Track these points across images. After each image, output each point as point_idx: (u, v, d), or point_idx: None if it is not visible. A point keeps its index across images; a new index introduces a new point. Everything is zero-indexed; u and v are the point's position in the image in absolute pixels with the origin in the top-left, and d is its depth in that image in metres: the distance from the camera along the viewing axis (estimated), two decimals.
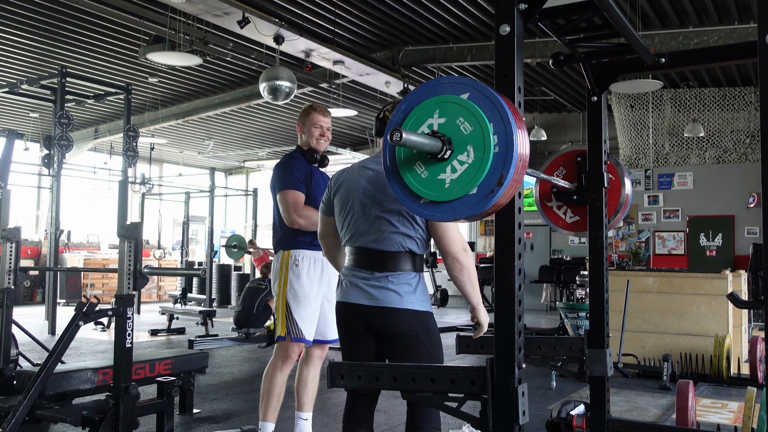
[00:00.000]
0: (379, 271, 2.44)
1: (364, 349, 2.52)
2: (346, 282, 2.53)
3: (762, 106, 2.07)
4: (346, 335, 2.57)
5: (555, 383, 5.46)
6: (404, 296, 2.42)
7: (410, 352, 2.43)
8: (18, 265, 4.23)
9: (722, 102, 11.84)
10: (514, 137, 1.49)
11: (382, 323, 2.44)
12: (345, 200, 2.56)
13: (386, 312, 2.42)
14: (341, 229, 2.59)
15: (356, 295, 2.47)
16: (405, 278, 2.44)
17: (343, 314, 2.54)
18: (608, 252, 2.68)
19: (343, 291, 2.53)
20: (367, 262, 2.46)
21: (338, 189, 2.59)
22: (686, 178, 12.51)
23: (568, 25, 2.26)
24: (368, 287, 2.45)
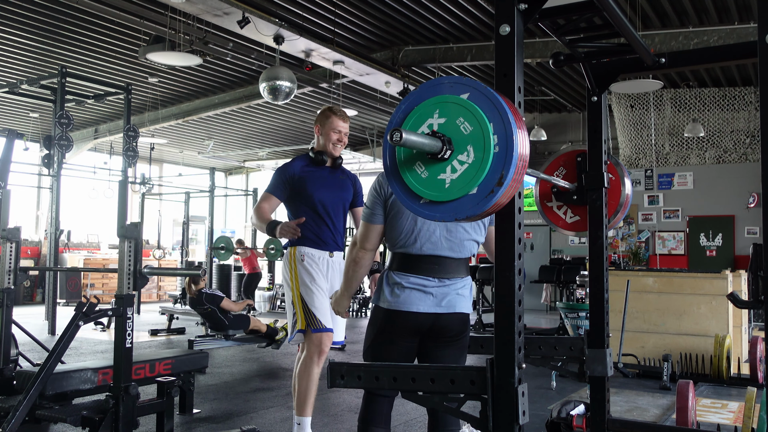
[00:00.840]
0: (451, 277, 2.50)
1: (410, 356, 2.53)
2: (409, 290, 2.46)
3: (762, 106, 2.07)
4: (397, 342, 2.49)
5: (555, 383, 5.46)
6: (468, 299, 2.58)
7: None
8: (18, 265, 4.23)
9: (722, 102, 11.84)
10: (514, 137, 1.49)
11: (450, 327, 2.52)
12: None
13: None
14: (402, 235, 2.48)
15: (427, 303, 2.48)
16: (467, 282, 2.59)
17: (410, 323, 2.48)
18: (608, 252, 2.68)
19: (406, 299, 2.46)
20: (441, 269, 2.47)
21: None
22: (686, 178, 12.51)
23: (568, 25, 2.26)
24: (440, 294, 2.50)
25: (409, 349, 2.51)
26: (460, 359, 2.59)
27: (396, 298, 2.45)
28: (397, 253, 2.52)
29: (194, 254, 16.67)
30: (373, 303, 2.56)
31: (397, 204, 2.48)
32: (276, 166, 18.17)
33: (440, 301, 2.46)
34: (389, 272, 2.51)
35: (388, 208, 2.51)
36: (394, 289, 2.47)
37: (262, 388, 5.56)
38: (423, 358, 2.56)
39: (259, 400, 5.09)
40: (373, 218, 2.53)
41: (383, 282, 2.52)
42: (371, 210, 2.53)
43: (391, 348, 2.48)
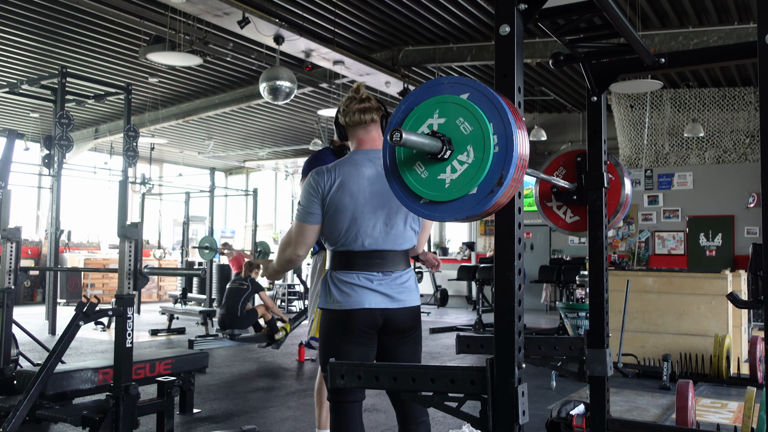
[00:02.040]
0: (394, 270, 2.48)
1: (370, 354, 2.49)
2: (357, 287, 2.43)
3: (762, 106, 2.07)
4: (356, 341, 2.44)
5: (555, 383, 5.46)
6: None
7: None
8: (18, 265, 4.23)
9: (722, 102, 11.84)
10: (514, 137, 1.49)
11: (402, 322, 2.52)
12: (347, 202, 2.45)
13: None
14: (343, 233, 2.45)
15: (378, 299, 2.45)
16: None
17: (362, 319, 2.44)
18: (608, 252, 2.68)
19: (357, 296, 2.42)
20: (382, 263, 2.45)
21: (337, 190, 2.45)
22: (686, 178, 12.51)
23: (568, 25, 2.26)
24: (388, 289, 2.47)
25: (366, 351, 2.46)
26: (417, 354, 2.59)
27: (346, 298, 2.41)
28: (338, 252, 2.47)
29: (194, 254, 16.65)
30: (321, 307, 2.49)
31: (335, 202, 2.43)
32: (276, 166, 18.22)
33: (389, 295, 2.44)
34: (332, 272, 2.46)
35: (326, 207, 2.45)
36: (342, 288, 2.43)
37: (262, 388, 5.56)
38: (381, 358, 2.53)
39: (259, 400, 5.09)
40: (309, 218, 2.47)
41: (328, 284, 2.46)
42: (307, 209, 2.47)
43: (349, 351, 2.41)
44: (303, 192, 2.51)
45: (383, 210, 2.45)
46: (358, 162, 2.49)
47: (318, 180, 2.45)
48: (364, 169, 2.47)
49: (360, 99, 2.57)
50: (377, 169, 2.47)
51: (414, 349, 2.57)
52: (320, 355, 2.53)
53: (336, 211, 2.43)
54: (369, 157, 2.51)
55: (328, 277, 2.49)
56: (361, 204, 2.43)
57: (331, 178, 2.45)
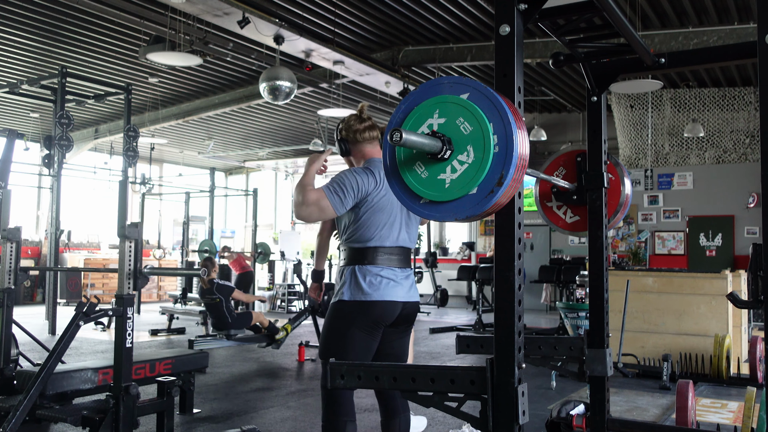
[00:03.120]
0: (407, 267, 2.73)
1: (374, 345, 2.67)
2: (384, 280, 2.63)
3: (762, 106, 2.07)
4: (369, 332, 2.61)
5: (555, 383, 5.46)
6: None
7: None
8: (18, 265, 4.23)
9: (722, 102, 11.84)
10: (514, 137, 1.49)
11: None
12: (388, 203, 2.67)
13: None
14: (379, 230, 2.65)
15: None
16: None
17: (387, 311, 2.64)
18: (608, 252, 2.68)
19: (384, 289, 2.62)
20: (403, 259, 2.70)
21: (381, 191, 2.65)
22: (686, 178, 12.51)
23: (568, 25, 2.26)
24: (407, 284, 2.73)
25: (372, 343, 2.64)
26: (408, 345, 2.85)
27: (375, 290, 2.58)
28: (369, 247, 2.63)
29: (194, 254, 16.66)
30: (345, 299, 2.60)
31: (377, 201, 2.63)
32: (276, 166, 18.21)
33: (406, 289, 2.69)
34: (361, 266, 2.61)
35: (363, 204, 2.62)
36: (372, 281, 2.60)
37: (262, 388, 5.56)
38: (379, 348, 2.71)
39: (259, 400, 5.09)
40: (337, 204, 2.59)
41: (356, 276, 2.61)
42: (341, 196, 2.58)
43: (359, 339, 2.58)
44: (348, 181, 2.61)
45: (403, 211, 2.71)
46: (373, 169, 2.72)
47: (363, 180, 2.62)
48: (379, 175, 2.71)
49: (364, 119, 2.85)
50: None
51: (407, 342, 2.83)
52: (324, 343, 2.63)
53: (376, 210, 2.63)
54: (375, 166, 2.75)
55: (356, 270, 2.62)
56: (396, 206, 2.67)
57: (375, 179, 2.65)
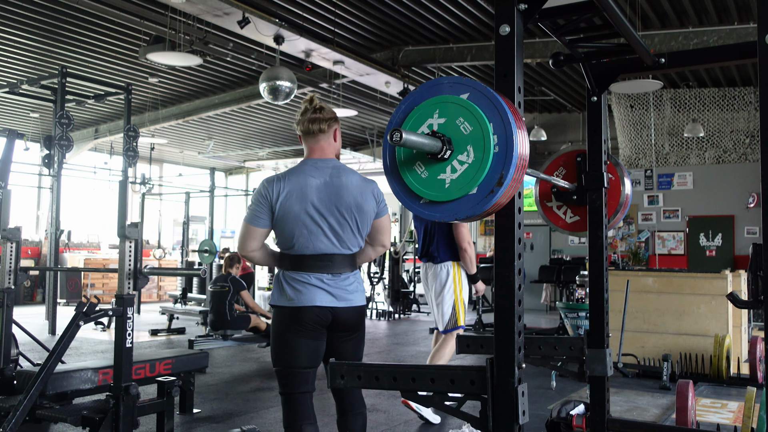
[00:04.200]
0: (342, 272, 2.68)
1: (321, 347, 2.67)
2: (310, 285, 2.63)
3: (762, 106, 2.07)
4: (307, 335, 2.63)
5: (555, 383, 5.46)
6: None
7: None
8: (18, 265, 4.23)
9: (722, 102, 11.84)
10: (514, 137, 1.49)
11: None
12: (296, 209, 2.62)
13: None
14: (294, 237, 2.62)
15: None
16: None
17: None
18: (608, 252, 2.68)
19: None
20: (331, 265, 2.65)
21: (286, 198, 2.62)
22: (686, 178, 12.51)
23: (568, 25, 2.26)
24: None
25: (317, 344, 2.64)
26: (359, 351, 2.79)
27: (299, 295, 2.58)
28: (291, 254, 2.64)
29: (194, 254, 16.66)
30: (273, 304, 2.67)
31: (284, 209, 2.60)
32: (276, 166, 18.20)
33: (337, 295, 2.62)
34: (285, 272, 2.65)
35: (276, 213, 2.62)
36: (295, 286, 2.60)
37: (262, 388, 5.56)
38: (327, 353, 2.71)
39: (259, 400, 5.09)
40: (256, 221, 2.65)
41: (281, 282, 2.65)
42: (255, 213, 2.65)
43: (301, 344, 2.60)
44: (253, 197, 2.70)
45: (332, 216, 2.61)
46: (306, 171, 2.64)
47: (267, 188, 2.63)
48: (311, 179, 2.62)
49: (313, 110, 2.71)
50: (324, 178, 2.63)
51: (356, 347, 2.76)
52: (273, 351, 2.69)
53: (285, 218, 2.60)
54: (317, 167, 2.66)
55: (281, 276, 2.66)
56: (309, 211, 2.59)
57: (280, 186, 2.61)
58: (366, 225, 2.70)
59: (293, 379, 2.61)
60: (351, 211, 2.63)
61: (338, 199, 2.60)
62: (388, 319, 11.33)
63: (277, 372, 2.67)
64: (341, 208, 2.60)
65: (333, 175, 2.63)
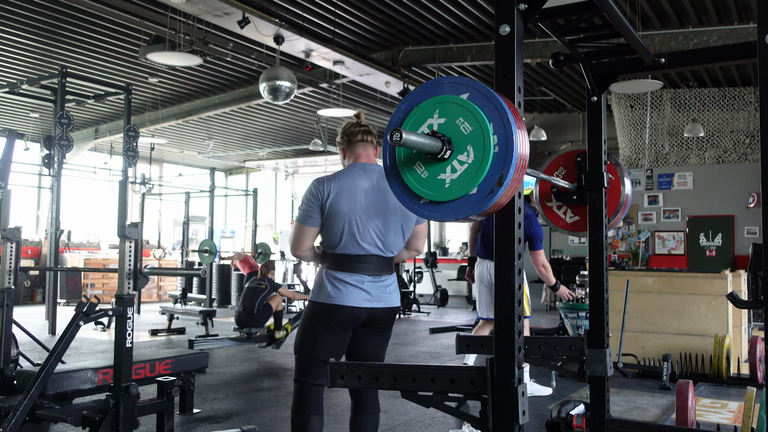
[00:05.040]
0: (381, 275, 2.77)
1: (343, 345, 2.76)
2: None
3: (762, 106, 2.07)
4: (335, 332, 2.71)
5: (555, 383, 5.46)
6: None
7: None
8: (18, 265, 4.23)
9: (722, 102, 11.84)
10: (514, 137, 1.49)
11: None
12: (345, 209, 2.71)
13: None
14: (339, 237, 2.70)
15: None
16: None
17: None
18: (608, 252, 2.68)
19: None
20: (373, 268, 2.73)
21: (336, 198, 2.70)
22: (686, 178, 12.51)
23: (568, 25, 2.26)
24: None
25: (340, 343, 2.73)
26: (384, 347, 2.89)
27: (338, 293, 2.66)
28: (336, 254, 2.70)
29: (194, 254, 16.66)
30: (312, 300, 2.75)
31: (333, 209, 2.66)
32: (276, 166, 18.20)
33: (375, 296, 2.70)
34: (328, 271, 2.72)
35: (325, 213, 2.69)
36: (336, 285, 2.68)
37: (262, 388, 5.56)
38: (351, 346, 2.81)
39: (259, 400, 5.09)
40: (308, 221, 2.72)
41: (323, 280, 2.72)
42: (307, 213, 2.72)
43: (326, 339, 2.70)
44: (304, 197, 2.75)
45: (378, 219, 2.67)
46: (355, 174, 2.71)
47: (318, 187, 2.69)
48: (360, 181, 2.69)
49: (360, 124, 2.85)
50: (372, 181, 2.70)
51: (382, 342, 2.85)
52: (297, 340, 2.77)
53: (333, 218, 2.66)
54: (366, 170, 2.73)
55: (323, 274, 2.72)
56: (357, 212, 2.65)
57: (330, 186, 2.67)
58: (409, 229, 2.79)
59: (310, 370, 2.71)
60: (396, 215, 2.70)
61: (385, 202, 2.67)
62: None
63: (297, 360, 2.76)
64: (387, 212, 2.67)
65: (380, 179, 2.70)
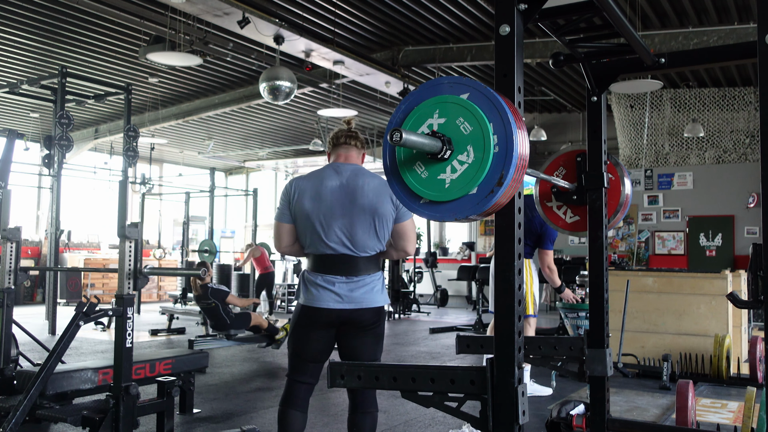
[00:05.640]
0: (357, 275, 2.74)
1: (323, 343, 2.78)
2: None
3: (762, 106, 2.07)
4: (318, 331, 2.76)
5: (555, 383, 5.46)
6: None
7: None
8: (18, 265, 4.23)
9: (722, 102, 11.84)
10: (514, 137, 1.49)
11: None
12: (309, 209, 2.74)
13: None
14: (307, 237, 2.76)
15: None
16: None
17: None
18: (608, 252, 2.68)
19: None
20: (345, 267, 2.72)
21: (300, 198, 2.74)
22: (686, 178, 12.51)
23: (568, 25, 2.26)
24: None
25: (327, 339, 2.76)
26: (374, 348, 2.83)
27: (311, 297, 2.69)
28: (308, 254, 2.74)
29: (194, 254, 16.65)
30: (297, 300, 2.81)
31: (298, 208, 2.69)
32: (276, 166, 18.20)
33: (348, 298, 2.68)
34: (304, 272, 2.76)
35: (292, 212, 2.72)
36: (309, 288, 2.71)
37: (262, 388, 5.56)
38: (340, 345, 2.83)
39: (259, 400, 5.09)
40: (282, 217, 2.77)
41: (301, 282, 2.78)
42: (281, 210, 2.78)
43: (312, 337, 2.74)
44: (281, 198, 2.82)
45: (344, 218, 2.65)
46: (325, 173, 2.72)
47: (288, 187, 2.75)
48: (329, 181, 2.69)
49: (349, 130, 2.84)
50: (342, 180, 2.68)
51: (370, 342, 2.80)
52: (288, 338, 2.84)
53: (298, 217, 2.69)
54: (338, 169, 2.72)
55: (302, 275, 2.78)
56: (321, 212, 2.65)
57: (298, 186, 2.72)
58: (384, 228, 2.72)
59: (297, 368, 2.76)
60: (365, 213, 2.65)
61: (352, 201, 2.64)
62: (389, 319, 11.34)
63: (287, 356, 2.85)
64: (354, 210, 2.63)
65: (350, 178, 2.68)
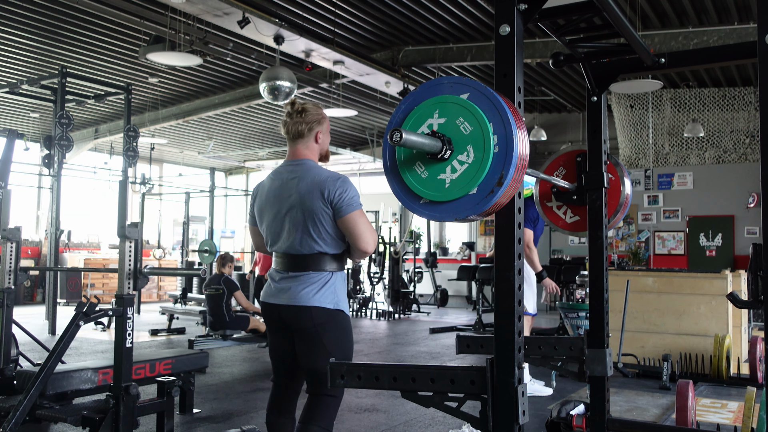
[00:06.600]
0: (298, 271, 2.67)
1: (283, 344, 2.73)
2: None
3: (762, 106, 2.07)
4: (274, 329, 2.76)
5: (555, 383, 5.46)
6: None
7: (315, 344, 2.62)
8: (18, 265, 4.23)
9: (722, 102, 11.84)
10: (514, 137, 1.49)
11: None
12: (258, 212, 2.80)
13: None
14: (264, 237, 2.80)
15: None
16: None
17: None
18: (608, 252, 2.68)
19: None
20: (288, 264, 2.70)
21: (253, 201, 2.83)
22: (686, 178, 12.51)
23: (568, 25, 2.26)
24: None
25: (282, 340, 2.70)
26: (315, 355, 2.57)
27: (264, 291, 2.75)
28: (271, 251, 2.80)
29: (194, 254, 16.64)
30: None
31: (253, 210, 2.79)
32: (276, 166, 18.17)
33: (281, 292, 2.64)
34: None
35: (254, 214, 2.80)
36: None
37: (262, 388, 5.56)
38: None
39: (259, 400, 5.09)
40: (251, 220, 2.86)
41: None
42: (250, 213, 2.86)
43: (272, 337, 2.76)
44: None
45: (278, 218, 2.67)
46: (271, 175, 2.78)
47: (254, 190, 2.85)
48: (272, 181, 2.73)
49: (295, 113, 2.70)
50: (282, 179, 2.69)
51: (308, 350, 2.58)
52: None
53: (257, 219, 2.80)
54: (282, 169, 2.73)
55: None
56: (266, 213, 2.72)
57: (257, 189, 2.81)
58: (319, 226, 2.54)
59: (273, 368, 2.79)
60: (297, 211, 2.58)
61: (284, 200, 2.63)
62: (388, 319, 11.33)
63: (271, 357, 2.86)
64: (283, 209, 2.64)
65: (289, 177, 2.65)
